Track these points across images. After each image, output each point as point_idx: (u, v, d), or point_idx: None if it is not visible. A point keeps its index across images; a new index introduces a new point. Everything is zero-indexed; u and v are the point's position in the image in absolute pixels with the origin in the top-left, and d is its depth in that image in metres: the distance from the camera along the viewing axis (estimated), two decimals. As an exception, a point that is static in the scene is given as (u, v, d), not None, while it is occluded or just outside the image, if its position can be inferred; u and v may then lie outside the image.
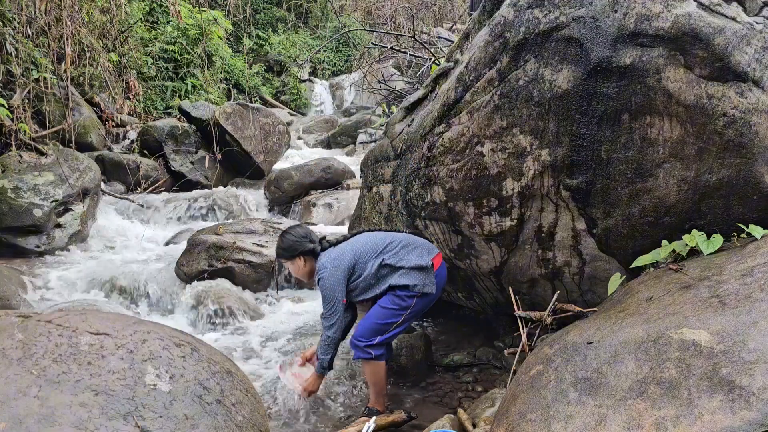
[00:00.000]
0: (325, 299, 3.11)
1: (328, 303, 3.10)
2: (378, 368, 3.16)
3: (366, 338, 3.12)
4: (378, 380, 3.18)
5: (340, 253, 3.14)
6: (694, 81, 2.50)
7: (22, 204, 5.88)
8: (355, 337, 3.17)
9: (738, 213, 2.60)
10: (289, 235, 3.24)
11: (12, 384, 2.08)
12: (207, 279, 5.15)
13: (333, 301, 3.09)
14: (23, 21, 6.61)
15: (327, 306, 3.11)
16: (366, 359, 3.14)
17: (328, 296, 3.09)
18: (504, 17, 2.90)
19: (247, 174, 8.77)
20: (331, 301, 3.09)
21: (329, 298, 3.09)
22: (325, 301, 3.11)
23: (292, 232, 3.28)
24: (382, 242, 3.16)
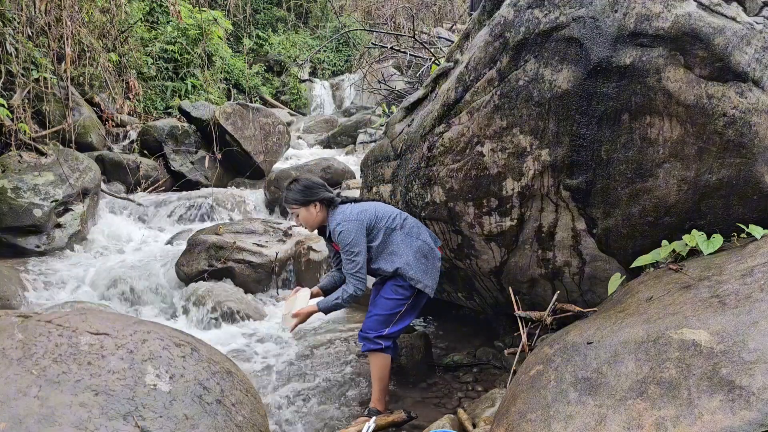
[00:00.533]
0: (350, 250, 3.06)
1: (354, 254, 3.05)
2: (386, 362, 3.18)
3: (375, 330, 3.15)
4: (384, 375, 3.19)
5: (362, 209, 3.15)
6: (694, 81, 2.50)
7: (22, 204, 5.89)
8: (364, 330, 3.18)
9: (738, 213, 2.60)
10: (305, 180, 3.19)
11: (12, 384, 2.08)
12: (207, 279, 5.15)
13: (358, 251, 3.06)
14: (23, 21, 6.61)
15: (351, 261, 3.06)
16: (376, 350, 3.15)
17: (353, 244, 3.05)
18: (504, 17, 2.90)
19: (247, 174, 8.77)
20: (356, 252, 3.05)
21: (354, 247, 3.05)
22: (350, 252, 3.06)
23: (308, 177, 3.25)
24: (400, 214, 3.24)
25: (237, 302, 4.81)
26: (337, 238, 3.12)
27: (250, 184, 8.65)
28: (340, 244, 3.10)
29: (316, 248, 5.40)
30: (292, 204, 3.18)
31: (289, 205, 3.20)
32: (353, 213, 3.12)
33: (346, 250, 3.08)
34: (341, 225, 3.09)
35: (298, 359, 4.02)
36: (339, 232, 3.09)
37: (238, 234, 5.68)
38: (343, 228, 3.08)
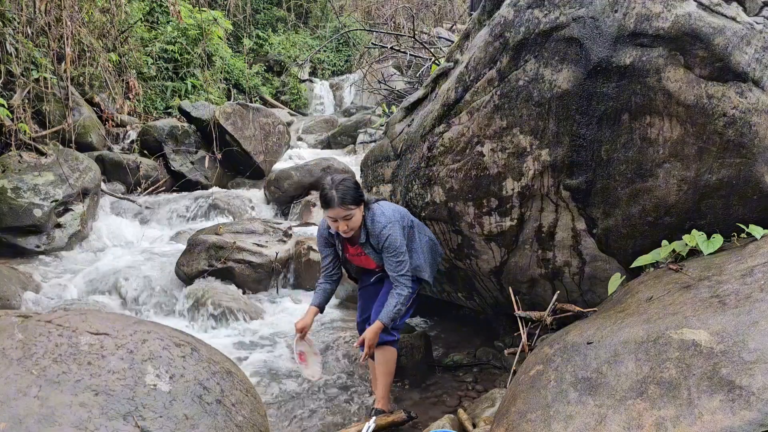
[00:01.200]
0: (399, 251, 2.96)
1: (402, 254, 2.97)
2: (394, 355, 3.19)
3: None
4: (391, 370, 3.19)
5: (393, 208, 3.07)
6: (694, 81, 2.50)
7: (22, 204, 5.89)
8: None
9: (738, 213, 2.60)
10: (350, 177, 2.98)
11: (12, 384, 2.08)
12: (207, 279, 5.15)
13: (404, 250, 2.99)
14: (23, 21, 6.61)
15: (400, 263, 2.97)
16: (391, 342, 3.15)
17: (402, 244, 2.97)
18: (504, 17, 2.90)
19: (247, 174, 8.77)
20: (404, 251, 2.98)
21: (402, 247, 2.97)
22: (400, 254, 2.97)
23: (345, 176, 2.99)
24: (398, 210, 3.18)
25: (237, 302, 4.81)
26: (384, 241, 2.96)
27: (250, 184, 8.65)
28: (389, 247, 2.97)
29: (316, 248, 5.39)
30: (350, 205, 2.87)
31: (345, 206, 2.86)
32: (391, 213, 3.02)
33: (395, 252, 2.97)
34: (388, 228, 2.95)
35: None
36: (387, 235, 2.95)
37: (238, 234, 5.69)
38: (391, 231, 2.95)
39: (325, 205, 2.90)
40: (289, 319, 4.77)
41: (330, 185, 2.89)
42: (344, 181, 2.90)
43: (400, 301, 2.99)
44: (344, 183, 2.89)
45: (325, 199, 2.88)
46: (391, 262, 2.99)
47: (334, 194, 2.84)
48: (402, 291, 2.99)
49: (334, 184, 2.88)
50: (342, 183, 2.89)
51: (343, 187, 2.87)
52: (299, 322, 3.17)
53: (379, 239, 2.98)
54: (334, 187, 2.87)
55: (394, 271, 2.99)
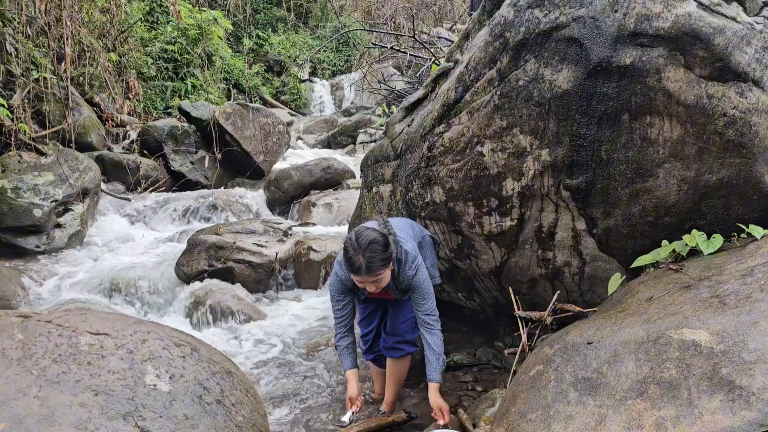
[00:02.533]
0: (428, 292, 2.79)
1: (429, 296, 2.80)
2: (409, 363, 3.22)
3: (410, 332, 3.13)
4: (404, 377, 3.21)
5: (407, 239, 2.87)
6: (694, 81, 2.50)
7: (22, 204, 5.89)
8: (401, 335, 3.10)
9: (738, 213, 2.60)
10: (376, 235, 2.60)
11: (12, 384, 2.08)
12: (207, 279, 5.15)
13: (432, 293, 2.83)
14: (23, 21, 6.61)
15: (428, 300, 2.80)
16: (413, 352, 3.15)
17: (429, 288, 2.80)
18: (504, 17, 2.90)
19: (247, 174, 8.77)
20: (431, 294, 2.81)
21: (430, 291, 2.80)
22: (427, 296, 2.79)
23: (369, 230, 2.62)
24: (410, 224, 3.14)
25: (237, 302, 4.81)
26: (414, 280, 2.76)
27: (250, 184, 8.65)
28: (418, 289, 2.78)
29: (316, 248, 5.40)
30: (379, 271, 2.58)
31: (374, 274, 2.58)
32: (412, 246, 2.83)
33: (424, 294, 2.80)
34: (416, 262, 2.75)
35: (299, 360, 4.02)
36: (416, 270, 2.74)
37: (238, 234, 5.69)
38: (420, 271, 2.74)
39: (351, 271, 2.61)
40: (290, 318, 4.78)
41: (355, 249, 2.56)
42: (371, 245, 2.55)
43: (440, 349, 2.85)
44: (371, 247, 2.55)
45: (351, 265, 2.58)
46: (418, 302, 2.83)
47: (362, 262, 2.54)
48: (436, 334, 2.85)
49: (360, 249, 2.55)
50: (369, 248, 2.54)
51: (370, 252, 2.54)
52: (350, 393, 2.95)
53: (408, 282, 2.81)
54: (360, 252, 2.54)
55: (421, 310, 2.84)
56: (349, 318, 2.99)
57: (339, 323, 2.98)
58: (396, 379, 3.20)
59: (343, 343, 2.99)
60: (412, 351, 3.19)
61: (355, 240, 2.59)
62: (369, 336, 3.32)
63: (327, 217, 6.86)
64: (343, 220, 6.65)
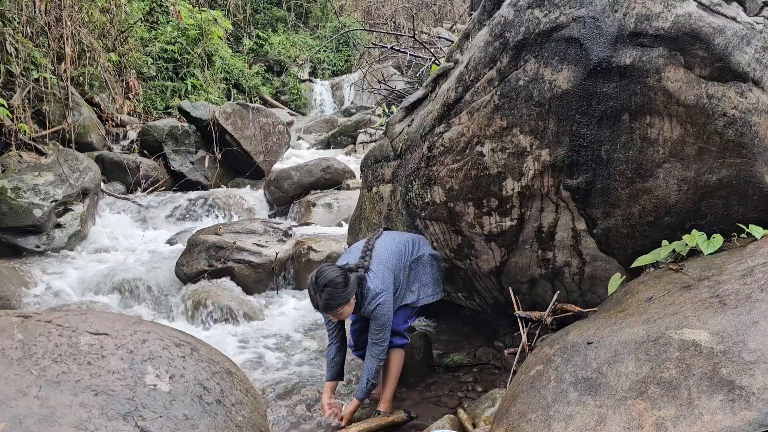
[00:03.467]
0: (383, 325, 2.97)
1: (384, 329, 2.98)
2: (402, 357, 3.24)
3: (401, 325, 3.19)
4: (399, 371, 3.23)
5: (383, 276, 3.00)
6: (694, 81, 2.50)
7: (22, 204, 5.88)
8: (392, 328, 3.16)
9: (738, 213, 2.60)
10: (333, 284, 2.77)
11: (12, 384, 2.08)
12: (207, 279, 5.15)
13: (388, 326, 3.00)
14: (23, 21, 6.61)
15: (382, 332, 2.98)
16: (403, 345, 3.21)
17: (386, 322, 2.97)
18: (504, 17, 2.90)
19: (247, 174, 8.77)
20: (386, 327, 2.99)
21: (386, 324, 2.98)
22: (383, 328, 2.98)
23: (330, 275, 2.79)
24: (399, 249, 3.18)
25: (237, 302, 4.81)
26: (374, 313, 2.94)
27: (250, 184, 8.65)
28: (377, 318, 2.95)
29: (316, 248, 5.40)
30: (336, 309, 2.82)
31: (331, 312, 2.83)
32: (383, 282, 2.95)
33: (380, 324, 2.97)
34: (377, 299, 2.91)
35: (299, 360, 4.02)
36: (377, 305, 2.91)
37: (238, 234, 5.69)
38: (379, 302, 2.91)
39: (313, 307, 2.88)
40: (290, 318, 4.78)
41: (314, 289, 2.79)
42: (328, 287, 2.75)
43: (371, 374, 3.02)
44: (328, 289, 2.75)
45: (312, 302, 2.86)
46: (373, 329, 3.00)
47: (319, 301, 2.79)
48: (372, 363, 3.01)
49: (318, 289, 2.76)
50: (326, 288, 2.75)
51: (327, 294, 2.75)
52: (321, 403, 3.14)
53: (369, 311, 2.97)
54: (318, 292, 2.77)
55: (373, 337, 3.01)
56: (337, 331, 3.17)
57: (329, 332, 3.19)
58: (391, 372, 3.18)
59: (330, 354, 3.18)
60: (402, 343, 3.21)
61: (315, 279, 2.81)
62: (357, 325, 3.34)
63: (327, 217, 6.86)
64: (343, 220, 6.65)
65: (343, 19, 15.87)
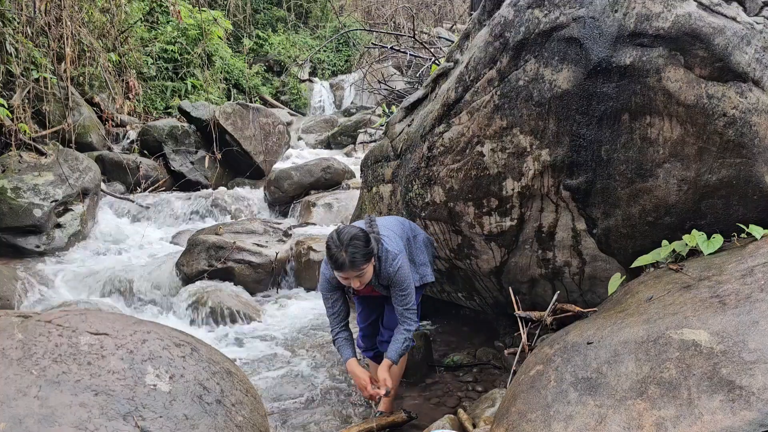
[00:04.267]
0: (407, 288, 2.86)
1: (410, 292, 2.87)
2: (406, 358, 3.21)
3: None
4: (401, 372, 3.21)
5: (395, 241, 2.93)
6: (694, 81, 2.50)
7: (22, 204, 5.88)
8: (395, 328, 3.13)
9: (738, 213, 2.60)
10: (357, 238, 2.66)
11: (12, 384, 2.08)
12: (207, 279, 5.15)
13: (412, 289, 2.90)
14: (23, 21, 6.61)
15: (409, 295, 2.88)
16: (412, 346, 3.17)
17: (409, 284, 2.86)
18: (504, 17, 2.90)
19: (247, 174, 8.77)
20: (411, 290, 2.89)
21: (410, 286, 2.87)
22: (407, 291, 2.87)
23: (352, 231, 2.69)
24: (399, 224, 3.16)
25: (237, 302, 4.81)
26: (394, 277, 2.83)
27: (250, 184, 8.65)
28: (399, 283, 2.85)
29: (316, 248, 5.40)
30: (362, 266, 2.68)
31: (357, 269, 2.67)
32: (396, 243, 2.89)
33: (403, 287, 2.87)
34: (397, 260, 2.81)
35: (299, 360, 4.02)
36: (397, 272, 2.81)
37: (238, 234, 5.69)
38: (400, 267, 2.80)
39: (335, 268, 2.70)
40: (290, 318, 4.78)
41: (338, 245, 2.65)
42: (353, 241, 2.64)
43: (408, 337, 2.94)
44: (353, 243, 2.64)
45: (335, 261, 2.67)
46: (398, 296, 2.90)
47: (345, 257, 2.63)
48: (410, 326, 2.93)
49: (342, 245, 2.64)
50: (351, 243, 2.64)
51: (353, 248, 2.63)
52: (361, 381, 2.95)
53: (389, 278, 2.87)
54: (343, 248, 2.63)
55: (401, 305, 2.91)
56: (342, 314, 3.04)
57: (333, 319, 3.05)
58: (394, 373, 3.15)
59: (340, 336, 3.04)
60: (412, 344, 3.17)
61: (337, 237, 2.69)
62: (367, 330, 3.32)
63: (327, 217, 6.86)
64: (343, 220, 6.65)
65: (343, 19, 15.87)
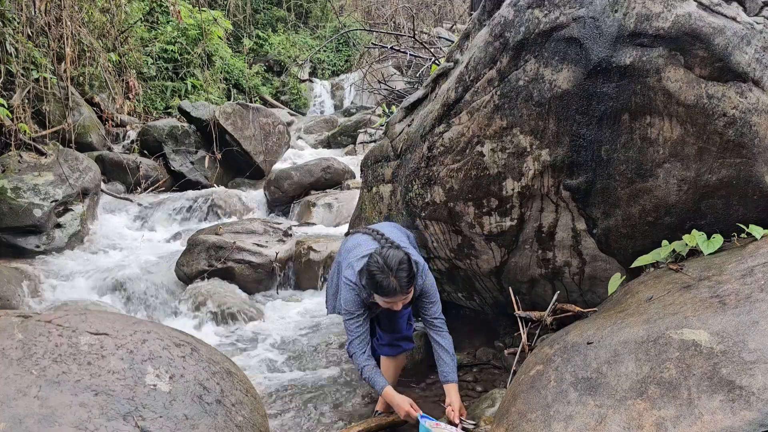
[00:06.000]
0: (436, 296, 2.82)
1: (437, 300, 2.83)
2: (404, 360, 3.23)
3: (408, 329, 3.20)
4: (399, 372, 3.21)
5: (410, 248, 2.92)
6: (694, 81, 2.50)
7: (22, 204, 5.88)
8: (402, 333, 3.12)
9: (738, 213, 2.60)
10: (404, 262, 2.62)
11: (12, 384, 2.08)
12: (207, 279, 5.15)
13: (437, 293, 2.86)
14: (23, 21, 6.61)
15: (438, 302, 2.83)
16: (411, 349, 3.20)
17: (436, 291, 2.83)
18: (504, 17, 2.90)
19: (247, 174, 8.77)
20: (437, 294, 2.84)
21: (437, 294, 2.84)
22: (436, 300, 2.82)
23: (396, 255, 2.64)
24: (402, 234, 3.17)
25: (237, 302, 4.81)
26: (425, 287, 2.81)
27: (250, 184, 8.65)
28: (428, 293, 2.83)
29: (316, 248, 5.40)
30: (410, 287, 2.65)
31: (407, 291, 2.65)
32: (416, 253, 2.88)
33: (431, 296, 2.83)
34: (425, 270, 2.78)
35: (299, 360, 4.02)
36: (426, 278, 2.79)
37: (238, 234, 5.69)
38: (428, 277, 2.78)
39: (383, 294, 2.62)
40: (289, 318, 4.78)
41: (386, 272, 2.59)
42: (401, 266, 2.60)
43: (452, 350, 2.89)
44: (401, 267, 2.59)
45: (383, 287, 2.59)
46: (427, 306, 2.85)
47: (395, 284, 2.58)
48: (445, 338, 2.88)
49: (392, 271, 2.58)
50: (400, 268, 2.59)
51: (402, 272, 2.59)
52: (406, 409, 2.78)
53: (419, 291, 2.84)
54: (393, 274, 2.58)
55: (431, 315, 2.85)
56: (367, 334, 2.91)
57: (359, 341, 2.87)
58: (389, 375, 3.14)
59: (369, 364, 2.88)
60: (409, 348, 3.20)
61: (384, 262, 2.60)
62: None
63: (327, 217, 6.87)
64: (343, 220, 6.65)
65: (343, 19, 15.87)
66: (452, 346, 2.91)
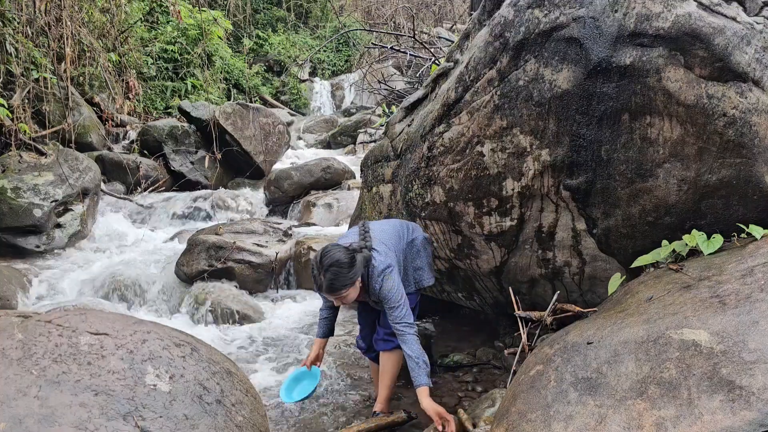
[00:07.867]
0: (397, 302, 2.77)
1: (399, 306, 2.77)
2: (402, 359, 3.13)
3: None
4: (398, 371, 3.18)
5: (386, 254, 2.87)
6: (694, 81, 2.50)
7: (22, 204, 5.88)
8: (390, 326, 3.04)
9: (738, 213, 2.60)
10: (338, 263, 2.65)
11: (12, 384, 2.08)
12: (207, 279, 5.15)
13: (404, 303, 2.80)
14: (23, 21, 6.61)
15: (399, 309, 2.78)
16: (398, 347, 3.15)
17: (398, 298, 2.78)
18: (504, 17, 2.90)
19: (247, 174, 8.77)
20: (402, 305, 2.79)
21: (399, 301, 2.78)
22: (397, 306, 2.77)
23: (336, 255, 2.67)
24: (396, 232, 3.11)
25: (237, 302, 4.82)
26: (380, 293, 2.78)
27: (250, 184, 8.65)
28: (386, 299, 2.78)
29: (316, 248, 5.40)
30: (341, 291, 2.68)
31: (335, 293, 2.69)
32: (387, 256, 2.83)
33: (392, 303, 2.79)
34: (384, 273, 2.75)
35: (299, 359, 4.02)
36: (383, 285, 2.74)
37: (238, 234, 5.69)
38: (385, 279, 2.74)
39: (315, 289, 2.76)
40: (290, 318, 4.78)
41: (319, 268, 2.66)
42: (332, 267, 2.62)
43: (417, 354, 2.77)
44: (332, 269, 2.62)
45: (314, 283, 2.72)
46: (388, 311, 2.84)
47: (323, 282, 2.65)
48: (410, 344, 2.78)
49: (323, 269, 2.64)
50: (330, 269, 2.62)
51: (331, 274, 2.62)
52: (308, 359, 3.11)
53: (377, 294, 2.84)
54: (322, 272, 2.64)
55: (393, 320, 2.83)
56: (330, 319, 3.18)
57: (324, 303, 3.17)
58: (387, 374, 3.13)
59: (322, 314, 3.17)
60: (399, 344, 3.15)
61: (320, 259, 2.67)
62: (366, 331, 3.32)
63: (327, 217, 6.87)
64: (343, 220, 6.65)
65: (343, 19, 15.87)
66: (418, 348, 2.79)
